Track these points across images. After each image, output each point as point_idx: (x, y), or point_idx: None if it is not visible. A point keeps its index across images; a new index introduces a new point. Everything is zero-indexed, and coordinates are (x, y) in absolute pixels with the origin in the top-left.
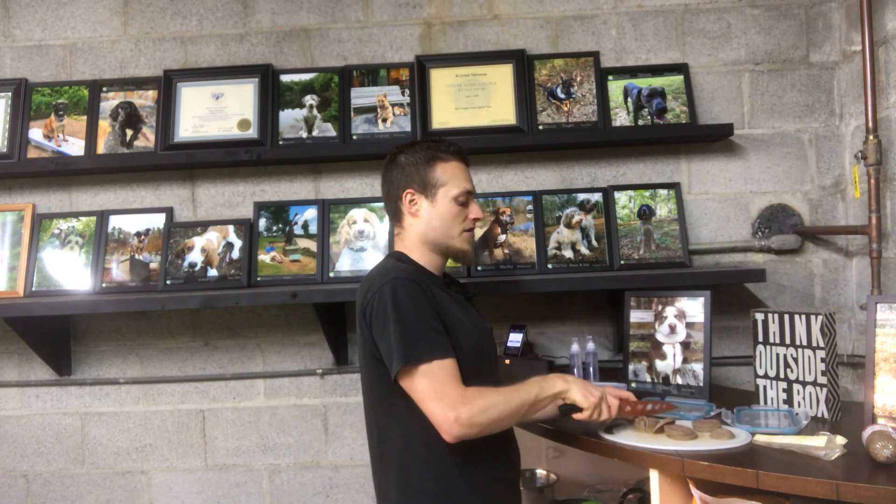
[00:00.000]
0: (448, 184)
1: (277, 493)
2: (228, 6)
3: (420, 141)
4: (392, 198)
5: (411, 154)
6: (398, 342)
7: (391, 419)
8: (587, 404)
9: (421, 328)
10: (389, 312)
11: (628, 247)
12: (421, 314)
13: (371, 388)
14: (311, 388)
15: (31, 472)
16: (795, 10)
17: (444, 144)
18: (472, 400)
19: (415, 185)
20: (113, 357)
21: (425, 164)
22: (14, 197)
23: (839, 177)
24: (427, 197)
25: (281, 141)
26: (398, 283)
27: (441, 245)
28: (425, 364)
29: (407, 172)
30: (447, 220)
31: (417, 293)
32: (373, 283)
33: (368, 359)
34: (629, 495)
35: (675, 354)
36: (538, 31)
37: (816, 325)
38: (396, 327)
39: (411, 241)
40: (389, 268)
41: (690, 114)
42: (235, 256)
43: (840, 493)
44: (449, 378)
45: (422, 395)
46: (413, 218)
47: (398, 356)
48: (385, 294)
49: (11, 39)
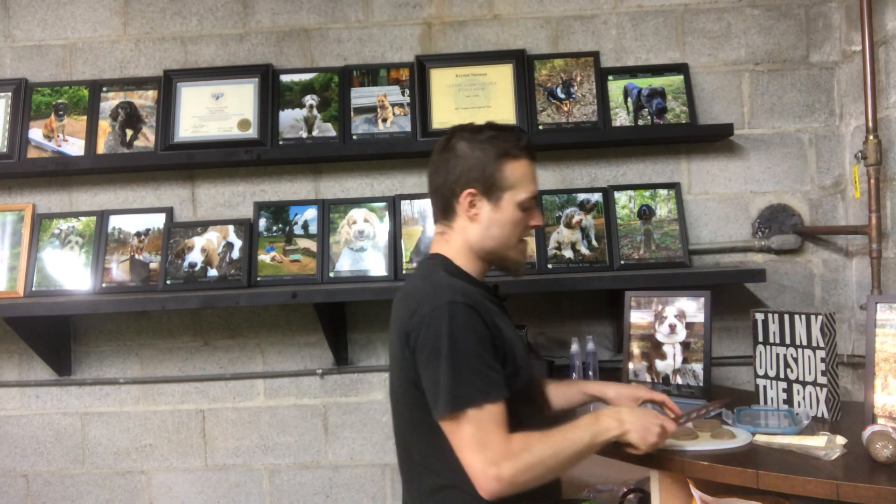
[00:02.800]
0: (516, 187)
1: (277, 493)
2: (228, 6)
3: (483, 126)
4: (445, 192)
5: (476, 144)
6: (448, 381)
7: (430, 458)
8: (645, 446)
9: (475, 365)
10: (443, 345)
11: (628, 247)
12: (477, 348)
13: (408, 420)
14: (311, 388)
15: (31, 472)
16: (795, 10)
17: (514, 136)
18: (517, 454)
19: (478, 185)
20: (113, 357)
21: (494, 160)
22: (14, 197)
23: (839, 177)
24: (490, 200)
25: (281, 141)
26: (456, 310)
27: (495, 255)
28: (474, 409)
29: (470, 166)
30: (508, 230)
31: (476, 322)
32: (422, 304)
33: (408, 387)
34: (629, 495)
35: (675, 354)
36: (538, 31)
37: (816, 325)
38: (448, 363)
39: (460, 245)
40: (442, 285)
41: (690, 114)
42: (235, 256)
43: (840, 493)
44: (495, 426)
45: (462, 442)
46: (469, 222)
47: (446, 398)
48: (439, 321)
49: (11, 39)
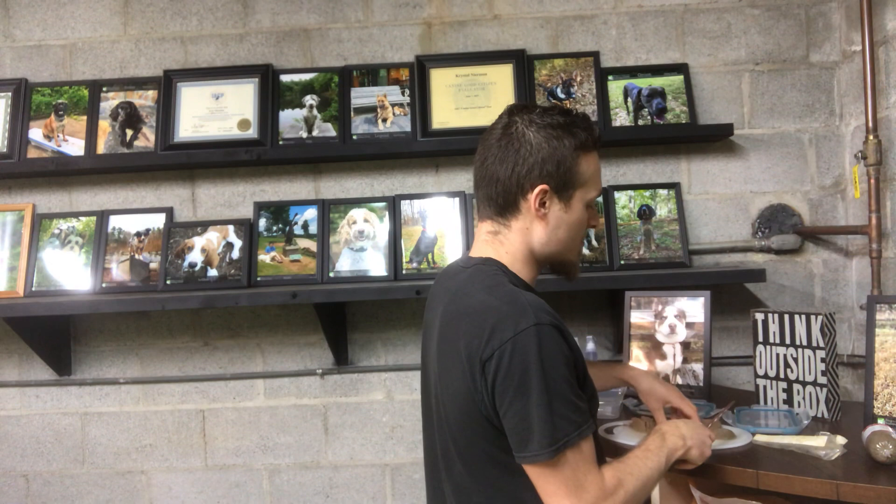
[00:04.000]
0: (587, 184)
1: (277, 493)
2: (228, 6)
3: (550, 110)
4: (510, 187)
5: (548, 133)
6: (543, 419)
7: (484, 498)
8: (701, 461)
9: (569, 398)
10: (532, 375)
11: (628, 247)
12: (569, 377)
13: (464, 450)
14: (311, 388)
15: (31, 472)
16: (795, 10)
17: (587, 124)
18: (613, 492)
19: (552, 181)
20: (113, 357)
21: (571, 153)
22: (14, 197)
23: (839, 177)
24: (561, 199)
25: (281, 141)
26: (544, 334)
27: (556, 259)
28: (572, 450)
29: (544, 158)
30: (574, 231)
31: (564, 347)
32: (500, 326)
33: (473, 416)
34: None
35: (675, 354)
36: (538, 31)
37: (816, 325)
38: (542, 397)
39: (518, 248)
40: (521, 302)
41: (690, 114)
42: (235, 256)
43: (840, 493)
44: (590, 464)
45: (556, 488)
46: (536, 221)
47: (542, 440)
48: (526, 350)
49: (11, 39)
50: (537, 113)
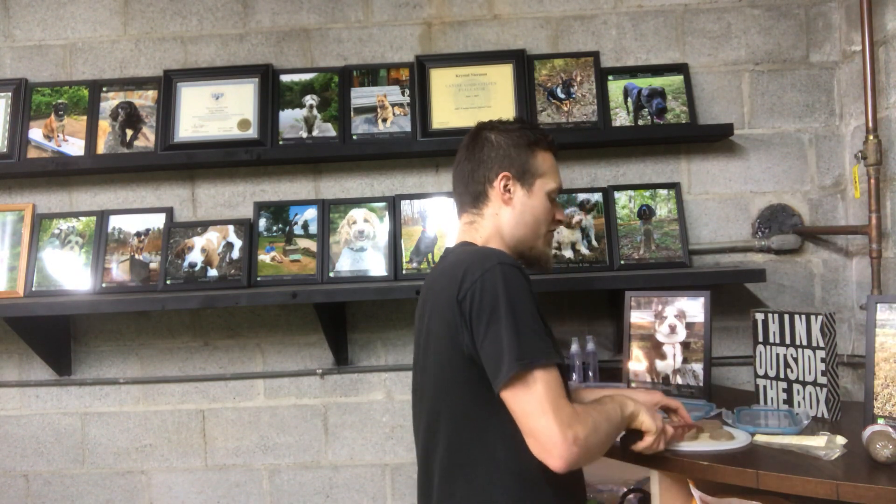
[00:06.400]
0: (546, 175)
1: (277, 493)
2: (228, 6)
3: (511, 122)
4: (478, 179)
5: (507, 134)
6: (512, 340)
7: (475, 443)
8: (655, 428)
9: (535, 326)
10: (501, 304)
11: (628, 247)
12: (532, 308)
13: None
14: (311, 388)
15: (31, 472)
16: (795, 10)
17: (540, 131)
18: (583, 416)
19: (513, 170)
20: (113, 357)
21: (526, 148)
22: (14, 197)
23: (839, 177)
24: (524, 185)
25: (281, 141)
26: (508, 271)
27: (525, 244)
28: (541, 369)
29: (504, 153)
30: (539, 216)
31: (526, 283)
32: (470, 269)
33: (457, 364)
34: (629, 495)
35: (675, 354)
36: (538, 31)
37: (816, 325)
38: (509, 322)
39: (490, 232)
40: (485, 252)
41: (690, 114)
42: (235, 256)
43: (840, 493)
44: (561, 389)
45: (533, 406)
46: (503, 206)
47: (512, 357)
48: (493, 282)
49: (11, 39)
50: (499, 123)
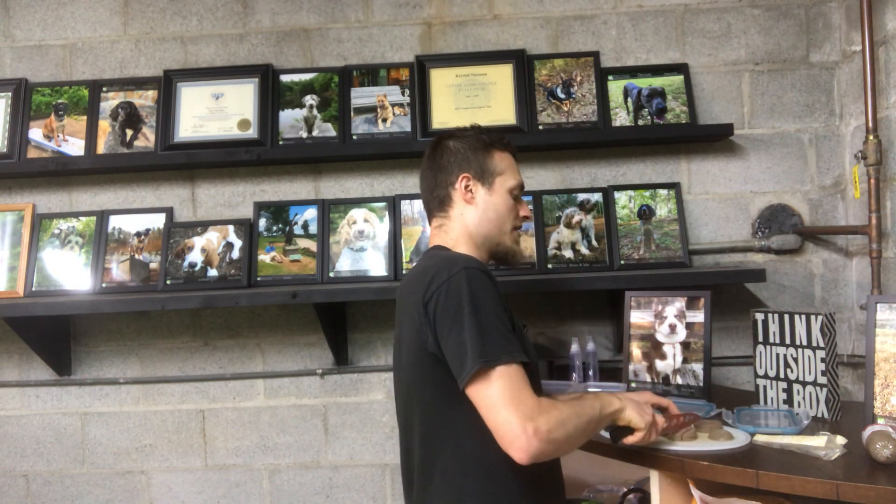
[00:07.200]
0: (505, 174)
1: (277, 493)
2: (228, 6)
3: (467, 128)
4: (441, 183)
5: (464, 140)
6: (475, 340)
7: (446, 437)
8: (643, 424)
9: (499, 326)
10: (464, 306)
11: (628, 247)
12: (499, 310)
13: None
14: (311, 388)
15: (31, 472)
16: (795, 10)
17: (496, 134)
18: (547, 410)
19: (472, 171)
20: (113, 357)
21: (483, 150)
22: (14, 197)
23: (839, 177)
24: (484, 184)
25: (281, 141)
26: (473, 275)
27: (492, 240)
28: (503, 365)
29: (462, 157)
30: (503, 213)
31: (492, 286)
32: (437, 274)
33: (424, 362)
34: (629, 495)
35: (675, 354)
36: (538, 31)
37: (816, 325)
38: (473, 322)
39: (459, 233)
40: (453, 257)
41: (690, 114)
42: (235, 256)
43: (840, 493)
44: (524, 384)
45: (494, 400)
46: (467, 206)
47: (474, 355)
48: (458, 285)
49: (11, 39)
50: (457, 130)
